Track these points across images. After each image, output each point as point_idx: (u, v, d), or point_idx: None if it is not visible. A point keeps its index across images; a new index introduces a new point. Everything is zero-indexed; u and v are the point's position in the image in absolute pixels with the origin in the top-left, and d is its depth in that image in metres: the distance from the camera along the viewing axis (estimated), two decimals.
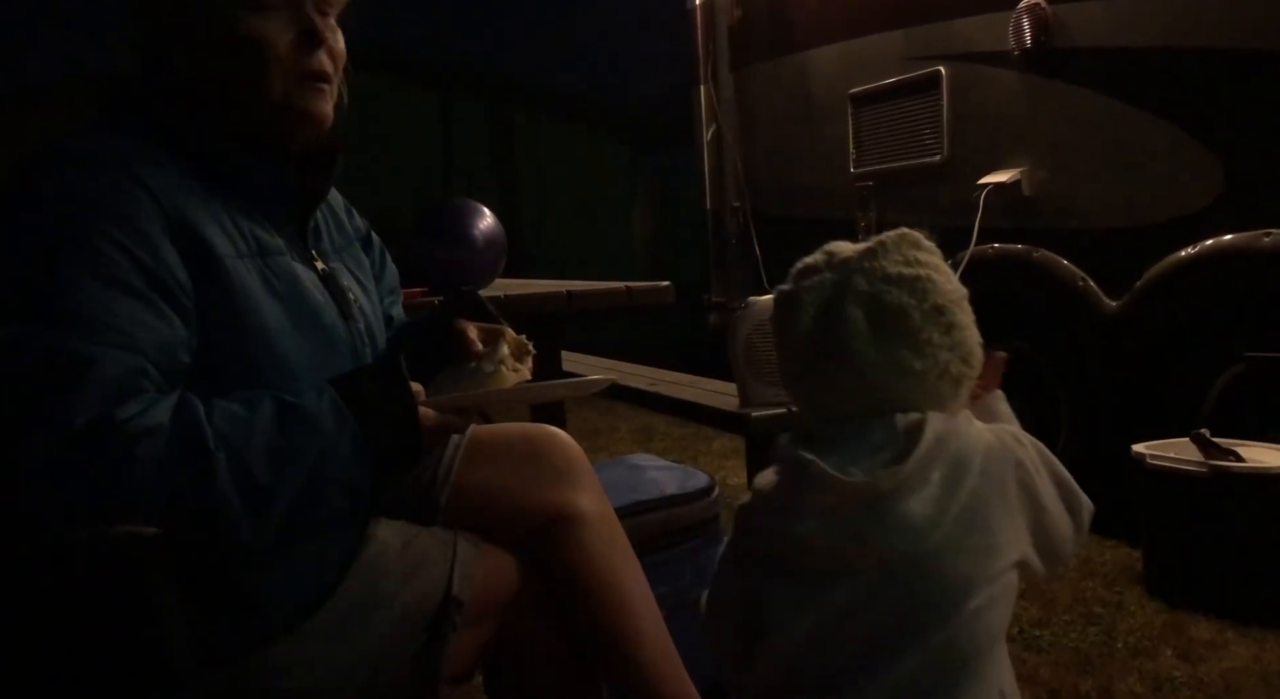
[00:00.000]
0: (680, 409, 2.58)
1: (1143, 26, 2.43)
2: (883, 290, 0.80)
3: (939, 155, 3.07)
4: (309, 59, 0.94)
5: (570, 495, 1.15)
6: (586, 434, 4.25)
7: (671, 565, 1.74)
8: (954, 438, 0.79)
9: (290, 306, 0.94)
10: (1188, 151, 2.35)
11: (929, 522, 0.76)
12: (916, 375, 0.80)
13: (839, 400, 0.83)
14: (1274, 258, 2.16)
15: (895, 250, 0.83)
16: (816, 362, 0.82)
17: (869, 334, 0.79)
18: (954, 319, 0.82)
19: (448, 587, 1.04)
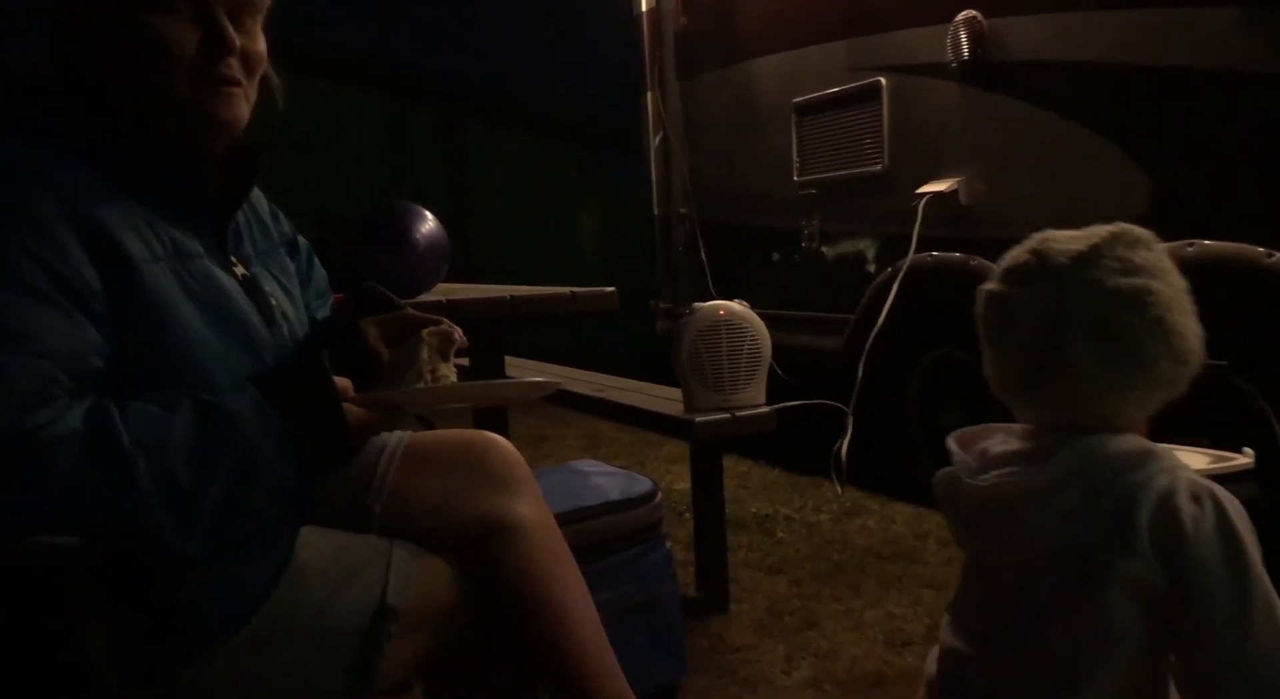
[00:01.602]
0: (625, 415, 2.58)
1: (1075, 42, 2.51)
2: (1106, 312, 0.78)
3: (880, 165, 3.12)
4: (216, 63, 0.94)
5: (509, 503, 1.14)
6: (533, 441, 4.24)
7: (614, 572, 1.75)
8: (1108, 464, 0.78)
9: (210, 311, 0.93)
10: (1116, 164, 2.42)
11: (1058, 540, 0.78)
12: (1138, 388, 0.80)
13: (1047, 407, 0.82)
14: (1197, 267, 2.23)
15: (1111, 253, 0.80)
16: (1035, 378, 0.81)
17: (1094, 359, 0.78)
18: (1176, 326, 0.80)
19: (382, 596, 1.02)
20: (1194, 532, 0.74)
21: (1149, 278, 0.79)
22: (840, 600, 2.34)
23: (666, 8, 4.09)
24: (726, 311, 2.30)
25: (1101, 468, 0.77)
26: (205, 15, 0.93)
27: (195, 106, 0.94)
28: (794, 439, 2.91)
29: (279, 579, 0.98)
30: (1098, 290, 0.78)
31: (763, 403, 2.31)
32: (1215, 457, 2.18)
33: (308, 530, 1.04)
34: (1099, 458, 0.78)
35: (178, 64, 0.92)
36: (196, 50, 0.92)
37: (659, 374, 2.58)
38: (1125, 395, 0.80)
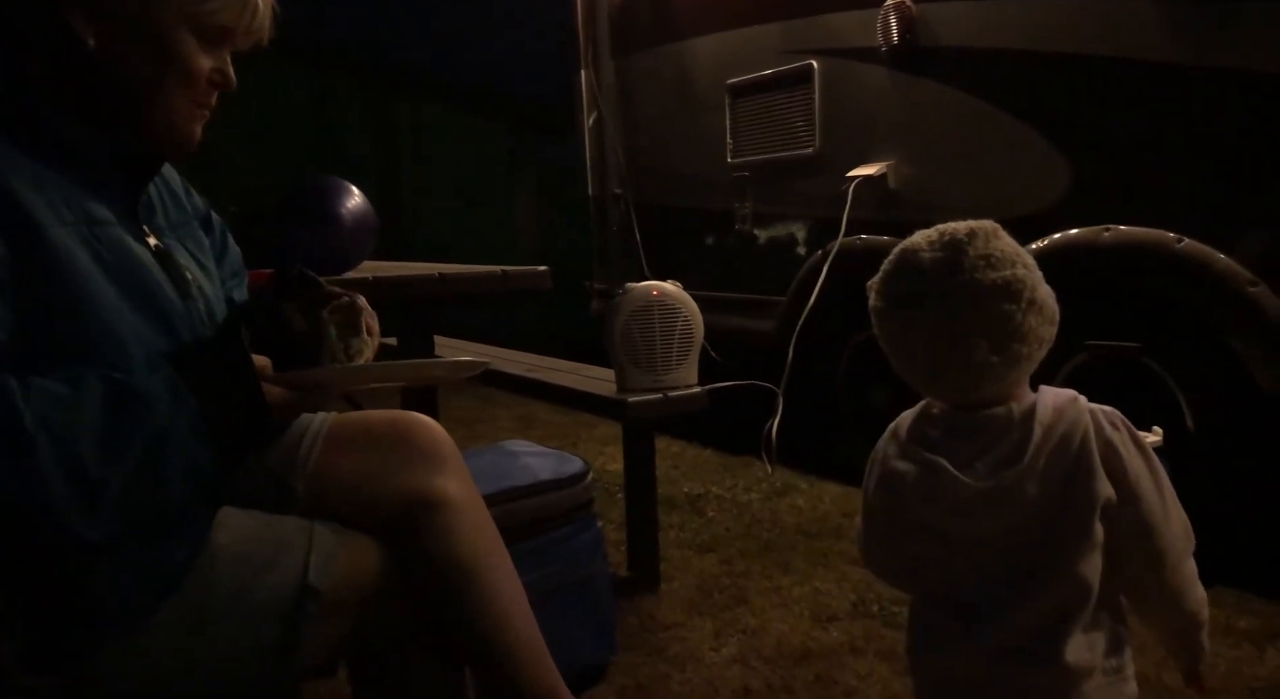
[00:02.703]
0: (557, 395, 2.57)
1: (1000, 29, 2.56)
2: (989, 308, 0.89)
3: (811, 148, 3.15)
4: (210, 94, 0.99)
5: (435, 481, 1.13)
6: (465, 422, 4.20)
7: (545, 551, 1.74)
8: (1060, 422, 0.90)
9: (122, 281, 0.89)
10: (1039, 150, 2.48)
11: (1042, 497, 0.89)
12: (1031, 359, 0.92)
13: (958, 392, 0.94)
14: (1112, 252, 2.31)
15: (975, 253, 0.90)
16: (944, 376, 0.93)
17: (991, 351, 0.89)
18: (1042, 298, 0.91)
19: (304, 576, 1.00)
20: (1125, 452, 0.90)
21: (1011, 267, 0.90)
22: (769, 578, 2.37)
23: None
24: (659, 292, 2.30)
25: (1057, 424, 0.90)
26: (218, 50, 0.98)
27: (180, 123, 0.97)
28: (726, 419, 2.94)
29: (194, 561, 0.95)
30: (978, 292, 0.89)
31: (695, 383, 2.32)
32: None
33: (227, 511, 1.01)
34: (1052, 417, 0.90)
35: (188, 86, 0.96)
36: (205, 79, 0.97)
37: (594, 355, 2.57)
38: (1023, 367, 0.92)
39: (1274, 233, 2.10)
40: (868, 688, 1.81)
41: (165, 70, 0.94)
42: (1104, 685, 0.91)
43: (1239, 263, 2.10)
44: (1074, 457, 0.89)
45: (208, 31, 0.96)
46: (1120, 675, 0.92)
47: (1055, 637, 0.89)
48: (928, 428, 0.97)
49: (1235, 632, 1.98)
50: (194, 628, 0.95)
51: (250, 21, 0.99)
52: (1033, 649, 0.90)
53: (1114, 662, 0.92)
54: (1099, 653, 0.90)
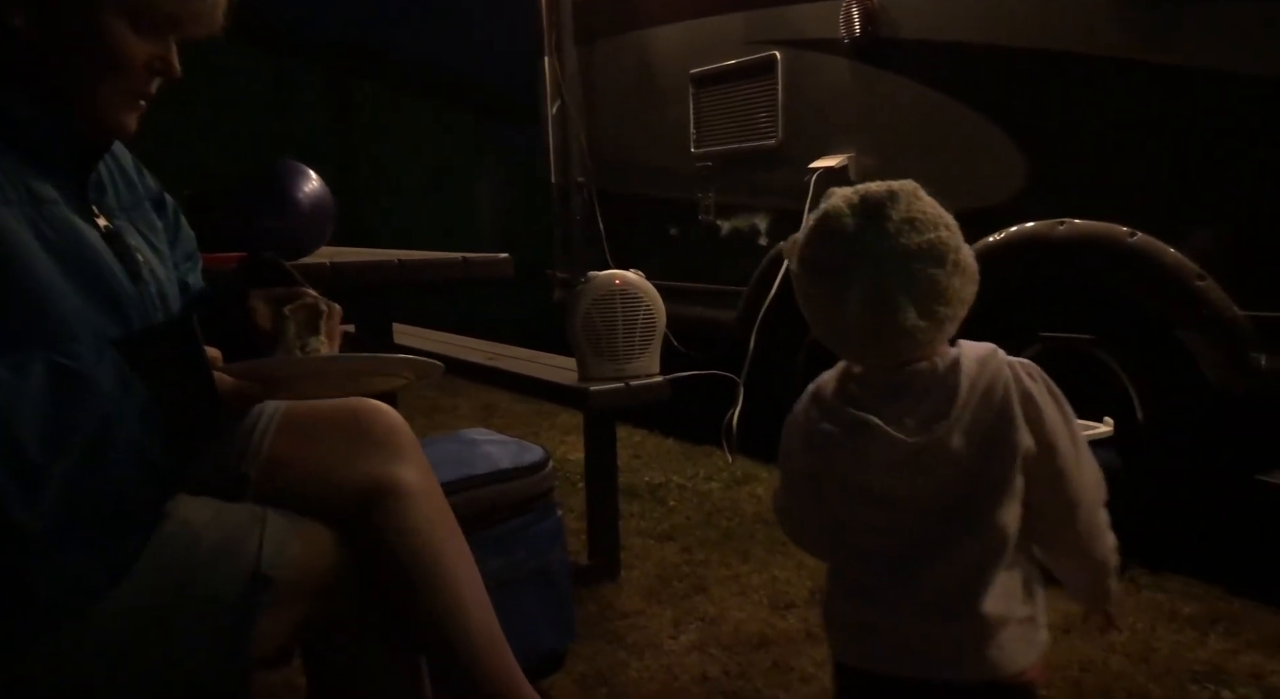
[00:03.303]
0: (518, 384, 2.55)
1: (959, 22, 2.58)
2: (914, 271, 0.89)
3: (774, 139, 3.16)
4: (148, 83, 0.96)
5: (392, 469, 1.12)
6: (425, 411, 4.17)
7: (504, 540, 1.73)
8: (982, 376, 0.92)
9: (67, 262, 0.87)
10: (996, 143, 2.51)
11: (967, 448, 0.91)
12: (950, 320, 0.92)
13: (886, 356, 0.94)
14: (1066, 245, 2.35)
15: (896, 217, 0.90)
16: (873, 340, 0.93)
17: (918, 313, 0.89)
18: (964, 259, 0.92)
19: (256, 565, 0.99)
20: (1042, 402, 0.92)
21: (935, 229, 0.90)
22: (728, 566, 2.39)
23: None
24: (622, 281, 2.29)
25: (980, 377, 0.91)
26: (161, 38, 0.94)
27: (108, 112, 0.94)
28: (687, 409, 2.95)
29: (142, 550, 0.93)
30: (902, 252, 0.89)
31: (657, 373, 2.33)
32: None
33: (177, 498, 1.00)
34: (975, 370, 0.92)
35: (118, 74, 0.92)
36: (140, 67, 0.94)
37: (556, 343, 2.56)
38: (948, 328, 0.93)
39: (1221, 228, 2.15)
40: (823, 674, 1.83)
41: (92, 57, 0.91)
42: (1019, 635, 0.93)
43: (1188, 257, 2.15)
44: (997, 408, 0.90)
45: (148, 18, 0.93)
46: (1034, 623, 0.95)
47: (974, 588, 0.91)
48: (852, 388, 0.97)
49: (1179, 617, 2.03)
50: (141, 618, 0.93)
51: (196, 7, 0.96)
52: (953, 601, 0.92)
53: (1028, 610, 0.94)
54: (1015, 602, 0.93)
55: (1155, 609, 2.06)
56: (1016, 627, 0.93)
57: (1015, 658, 0.92)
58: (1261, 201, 2.08)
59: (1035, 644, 0.94)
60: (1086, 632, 1.95)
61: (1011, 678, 0.92)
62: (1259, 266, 2.08)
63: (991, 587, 0.91)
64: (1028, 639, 0.94)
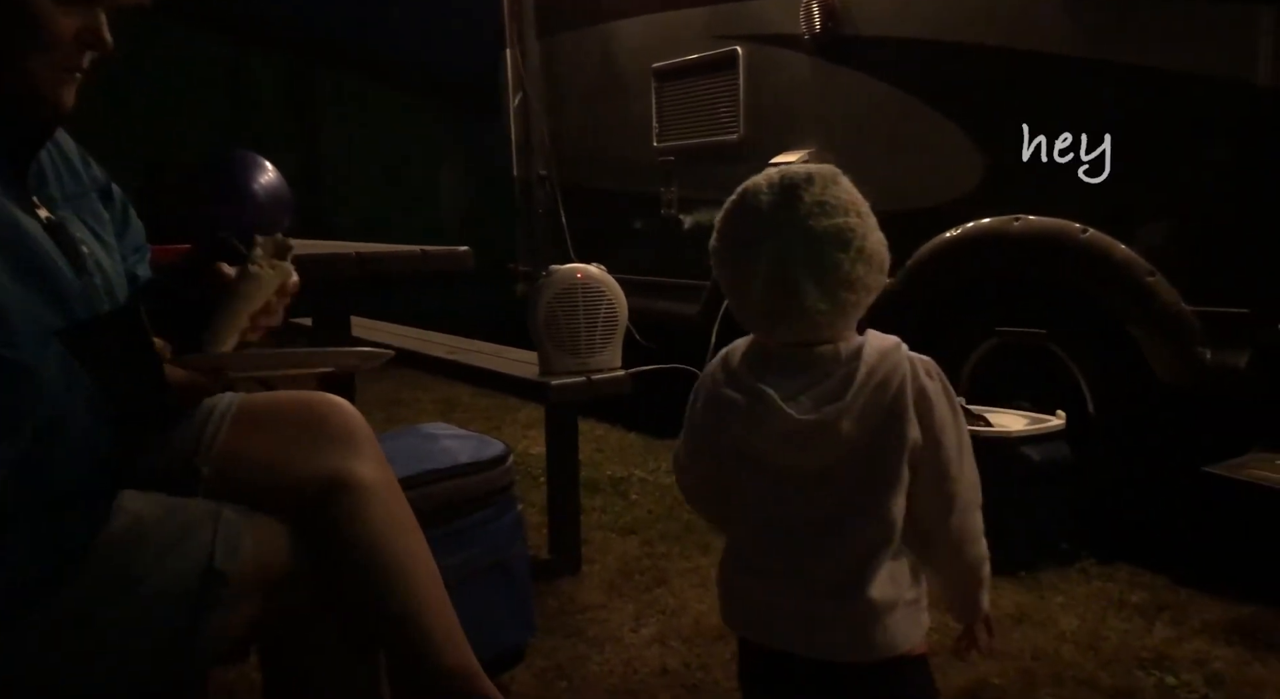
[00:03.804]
0: (480, 378, 2.54)
1: (918, 20, 2.61)
2: (819, 254, 0.91)
3: (736, 134, 3.17)
4: (80, 55, 0.93)
5: (349, 463, 1.11)
6: (384, 404, 4.13)
7: (463, 534, 1.73)
8: (880, 367, 0.94)
9: (6, 254, 0.85)
10: (954, 140, 2.55)
11: (858, 435, 0.93)
12: (858, 306, 0.95)
13: (787, 334, 0.96)
14: (1021, 241, 2.39)
15: (811, 199, 0.92)
16: (778, 317, 0.95)
17: (820, 296, 0.92)
18: (873, 248, 0.94)
19: (209, 561, 0.98)
20: (935, 399, 0.95)
21: (844, 215, 0.93)
22: (689, 559, 2.40)
23: None
24: (584, 275, 2.29)
25: (879, 367, 0.94)
26: (88, 9, 0.92)
27: (41, 88, 0.92)
28: (650, 402, 2.95)
29: (90, 547, 0.92)
30: (809, 236, 0.92)
31: (619, 366, 2.33)
32: (1032, 418, 2.36)
33: (126, 494, 0.98)
34: (876, 359, 0.94)
35: (46, 48, 0.90)
36: (69, 39, 0.91)
37: (518, 337, 2.56)
38: (851, 313, 0.96)
39: (1170, 225, 2.20)
40: None
41: (17, 32, 0.89)
42: (906, 617, 0.96)
43: (1138, 254, 2.19)
44: (890, 399, 0.93)
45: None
46: (918, 606, 0.99)
47: (864, 573, 0.94)
48: (759, 359, 0.99)
49: (1128, 606, 2.08)
50: (94, 614, 0.92)
51: None
52: (842, 584, 0.95)
53: (913, 593, 0.98)
54: (903, 587, 0.96)
55: (1105, 598, 2.11)
56: (904, 609, 0.96)
57: (902, 639, 0.96)
58: (1209, 200, 2.13)
59: (920, 625, 0.99)
60: (1039, 621, 1.99)
61: (899, 657, 0.96)
62: (1205, 263, 2.14)
63: (879, 572, 0.95)
64: (913, 620, 0.98)
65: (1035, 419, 2.35)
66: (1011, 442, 2.24)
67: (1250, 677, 1.76)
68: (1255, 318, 2.03)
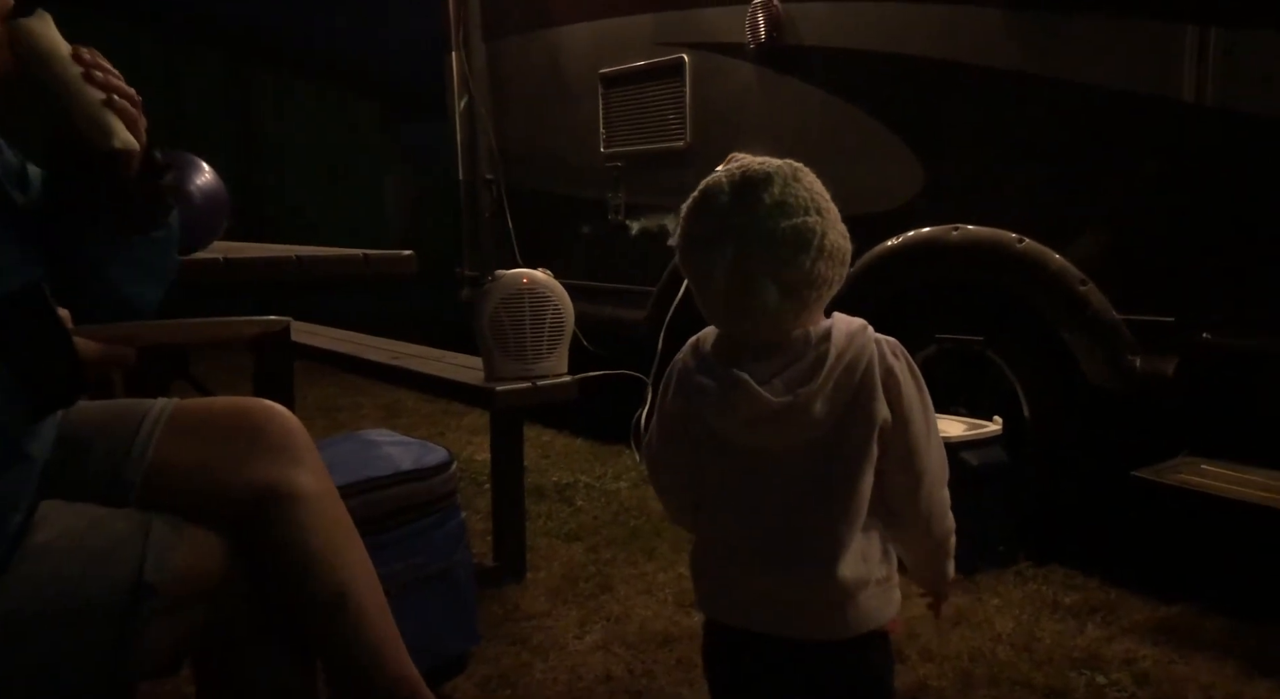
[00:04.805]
0: (422, 383, 2.51)
1: (859, 31, 2.65)
2: (780, 253, 0.92)
3: (682, 140, 3.19)
4: None
5: (286, 472, 1.09)
6: (326, 410, 4.06)
7: (404, 542, 1.70)
8: (849, 348, 0.95)
9: None
10: (895, 151, 2.59)
11: (829, 416, 0.95)
12: (820, 301, 0.96)
13: (750, 330, 0.97)
14: (960, 250, 2.44)
15: (771, 198, 0.93)
16: (741, 314, 0.95)
17: (781, 295, 0.93)
18: (834, 245, 0.95)
19: (139, 573, 0.95)
20: (903, 378, 0.97)
21: (804, 214, 0.93)
22: (634, 565, 2.40)
23: None
24: (530, 280, 2.28)
25: (848, 349, 0.96)
26: None
27: None
28: (597, 408, 2.95)
29: (12, 558, 0.88)
30: (770, 237, 0.92)
31: (565, 372, 2.32)
32: (970, 423, 2.41)
33: (51, 505, 0.95)
34: (845, 341, 0.96)
35: None
36: None
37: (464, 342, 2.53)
38: (815, 306, 0.97)
39: (1102, 236, 2.26)
40: None
41: None
42: (877, 594, 0.98)
43: (1072, 263, 2.26)
44: (859, 379, 0.95)
45: None
46: (889, 583, 1.01)
47: (834, 552, 0.96)
48: (730, 345, 1.00)
49: (1061, 607, 2.13)
50: (18, 628, 0.89)
51: None
52: (815, 564, 0.96)
53: (884, 571, 1.00)
54: (873, 564, 0.98)
55: (1039, 600, 2.16)
56: (875, 587, 0.98)
57: (874, 616, 0.98)
58: (1138, 212, 2.20)
59: (892, 602, 1.00)
60: (976, 623, 2.03)
61: (868, 633, 0.98)
62: (1136, 273, 2.20)
63: (850, 550, 0.96)
64: (885, 597, 1.00)
65: (973, 424, 2.40)
66: (951, 446, 2.26)
67: (1174, 674, 1.82)
68: (1182, 326, 2.11)
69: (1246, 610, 2.05)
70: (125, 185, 0.99)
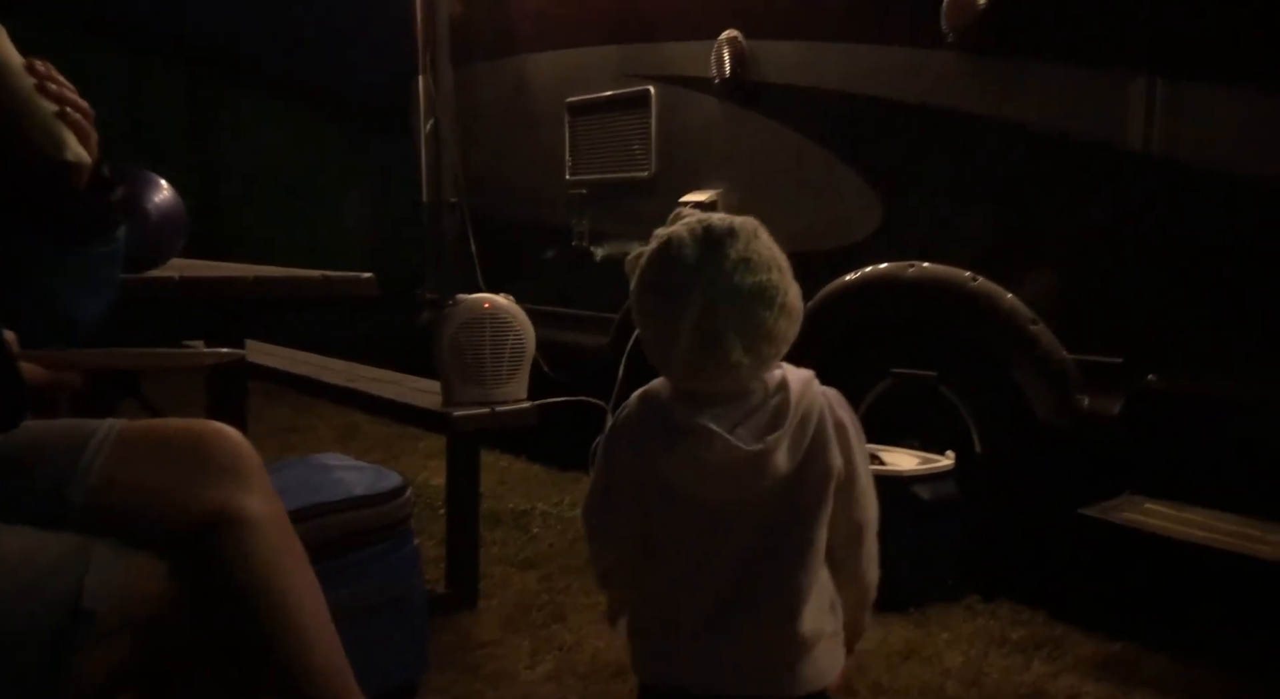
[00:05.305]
0: (378, 407, 2.49)
1: (821, 69, 2.71)
2: (745, 308, 0.93)
3: (647, 170, 3.23)
4: None
5: (235, 495, 1.07)
6: (280, 431, 4.00)
7: (356, 568, 1.69)
8: (804, 398, 0.97)
9: None
10: (854, 187, 2.64)
11: (789, 465, 0.95)
12: (771, 358, 0.97)
13: (709, 385, 0.97)
14: (915, 287, 2.49)
15: (735, 254, 0.94)
16: (695, 367, 0.95)
17: (744, 350, 0.93)
18: (793, 302, 0.97)
19: (77, 598, 0.93)
20: (852, 431, 1.00)
21: (767, 271, 0.95)
22: (589, 594, 2.39)
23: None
24: (491, 305, 2.28)
25: (803, 399, 0.97)
26: None
27: None
28: (556, 434, 2.94)
29: None
30: (735, 292, 0.94)
31: (524, 398, 2.31)
32: (923, 458, 2.45)
33: None
34: (800, 389, 0.98)
35: None
36: None
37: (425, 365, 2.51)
38: (770, 364, 0.98)
39: (1052, 276, 2.32)
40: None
41: None
42: (829, 650, 0.99)
43: (1023, 302, 2.31)
44: (814, 430, 0.96)
45: None
46: (839, 638, 1.02)
47: (794, 606, 0.96)
48: (688, 395, 0.99)
49: (1008, 642, 2.15)
50: None
51: None
52: (773, 620, 0.96)
53: (835, 624, 1.01)
54: (825, 618, 0.99)
55: (988, 635, 2.18)
56: (827, 642, 0.98)
57: (826, 673, 0.98)
58: (1088, 255, 2.26)
59: (840, 657, 1.01)
60: (926, 657, 2.05)
61: (820, 691, 0.98)
62: (1085, 314, 2.26)
63: (808, 605, 0.96)
64: (836, 653, 1.00)
65: (926, 459, 2.43)
66: (904, 480, 2.31)
67: None
68: (1128, 367, 2.16)
69: (1186, 648, 2.09)
70: (74, 198, 0.98)
